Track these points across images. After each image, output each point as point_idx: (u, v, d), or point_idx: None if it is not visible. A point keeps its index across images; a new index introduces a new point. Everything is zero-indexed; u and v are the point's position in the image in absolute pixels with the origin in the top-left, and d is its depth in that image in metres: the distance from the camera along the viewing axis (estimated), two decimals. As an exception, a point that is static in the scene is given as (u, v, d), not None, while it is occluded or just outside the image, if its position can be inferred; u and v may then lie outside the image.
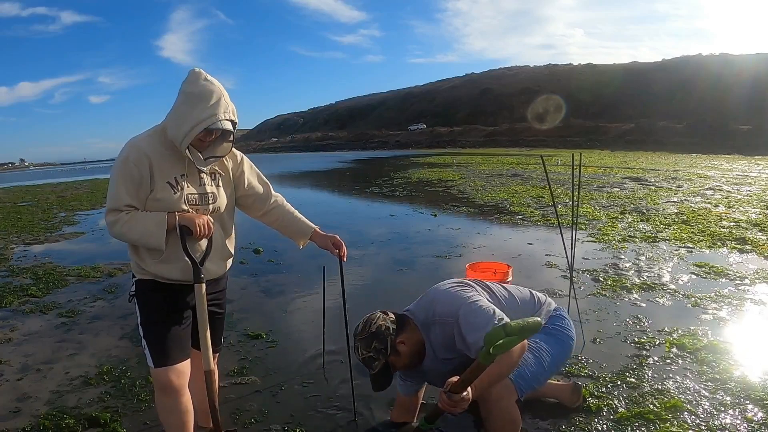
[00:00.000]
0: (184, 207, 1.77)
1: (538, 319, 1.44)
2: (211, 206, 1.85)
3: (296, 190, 15.55)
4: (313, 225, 2.12)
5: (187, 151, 1.72)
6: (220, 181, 1.90)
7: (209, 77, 1.73)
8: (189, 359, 1.85)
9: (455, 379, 1.58)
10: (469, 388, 1.60)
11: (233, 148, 1.90)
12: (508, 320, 1.49)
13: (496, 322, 1.70)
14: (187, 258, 1.75)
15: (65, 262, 5.94)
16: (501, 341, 1.38)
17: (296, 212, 2.13)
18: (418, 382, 2.16)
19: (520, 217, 7.87)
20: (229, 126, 1.74)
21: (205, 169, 1.80)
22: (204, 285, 1.77)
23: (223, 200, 1.90)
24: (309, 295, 4.18)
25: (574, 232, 3.23)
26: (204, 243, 1.83)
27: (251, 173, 2.02)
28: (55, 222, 9.76)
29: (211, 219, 1.78)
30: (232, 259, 2.03)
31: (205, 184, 1.84)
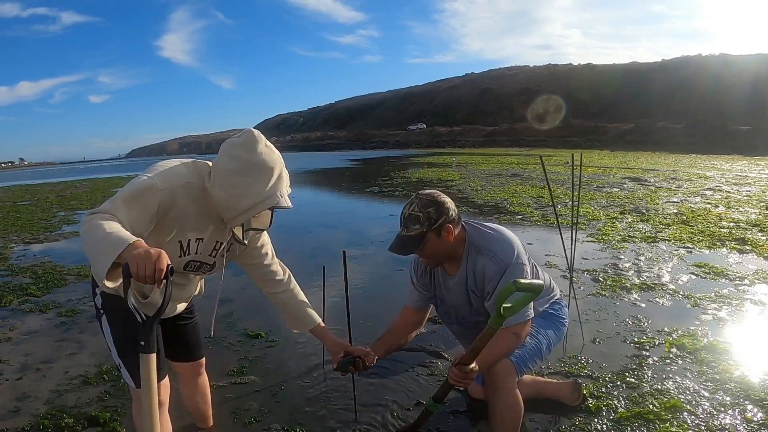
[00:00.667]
0: (181, 271, 1.65)
1: (541, 282, 1.59)
2: (209, 271, 1.73)
3: (296, 190, 15.54)
4: (318, 318, 1.96)
5: (236, 230, 1.60)
6: (230, 249, 1.72)
7: (269, 144, 1.52)
8: (166, 376, 1.76)
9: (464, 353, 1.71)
10: (476, 362, 1.69)
11: None
12: (522, 281, 1.55)
13: (529, 312, 1.86)
14: (133, 310, 1.27)
15: (65, 261, 5.94)
16: (510, 304, 1.53)
17: (306, 303, 1.97)
18: (426, 299, 2.17)
19: (520, 216, 7.87)
20: (289, 203, 1.52)
21: (245, 242, 1.68)
22: (153, 355, 1.29)
23: (221, 264, 1.72)
24: (309, 295, 4.15)
25: (573, 232, 3.23)
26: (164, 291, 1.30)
27: (267, 245, 1.85)
28: (55, 221, 9.76)
29: (166, 262, 1.22)
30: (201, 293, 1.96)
31: (215, 255, 1.67)
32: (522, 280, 1.53)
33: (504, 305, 1.54)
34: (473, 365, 1.69)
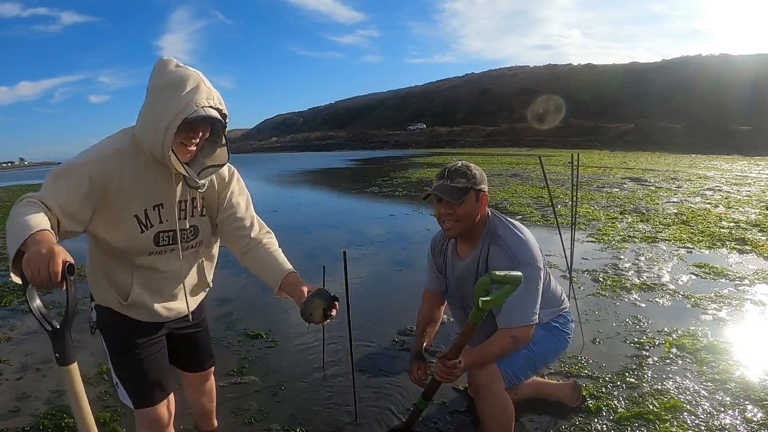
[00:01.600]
0: (155, 248, 1.44)
1: (519, 274, 1.56)
2: (192, 243, 1.53)
3: (296, 190, 15.55)
4: (288, 267, 1.53)
5: (174, 162, 1.32)
6: (204, 207, 1.53)
7: (182, 64, 1.37)
8: (172, 392, 1.62)
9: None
10: (462, 358, 1.71)
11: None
12: (497, 272, 1.57)
13: (533, 317, 1.85)
14: (38, 318, 1.08)
15: (65, 261, 5.92)
16: (489, 298, 1.54)
17: (280, 254, 1.59)
18: (441, 281, 2.17)
19: (520, 217, 7.87)
20: (214, 114, 1.33)
21: (200, 182, 1.42)
22: (73, 366, 1.10)
23: (207, 231, 1.56)
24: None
25: (573, 232, 3.24)
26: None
27: (240, 196, 1.59)
28: (55, 221, 9.75)
29: (61, 259, 1.01)
30: (209, 288, 1.72)
31: (186, 217, 1.47)
32: (497, 272, 1.53)
33: (482, 299, 1.53)
34: (458, 360, 1.68)
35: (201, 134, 1.36)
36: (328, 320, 1.39)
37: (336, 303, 1.38)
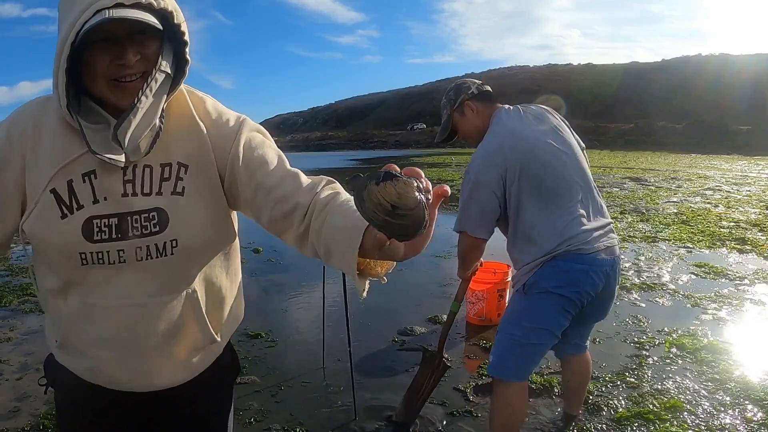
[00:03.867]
0: (88, 249, 0.81)
1: None
2: (156, 243, 0.83)
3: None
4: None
5: (77, 118, 0.79)
6: (183, 181, 0.85)
7: None
8: None
9: None
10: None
11: (207, 98, 0.92)
12: None
13: (460, 226, 1.84)
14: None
15: (65, 261, 5.93)
16: None
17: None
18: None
19: (520, 217, 7.88)
20: (135, 14, 0.74)
21: (125, 141, 0.78)
22: None
23: (189, 224, 0.85)
24: (309, 295, 4.18)
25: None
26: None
27: (263, 147, 0.90)
28: (55, 221, 9.76)
29: None
30: (215, 343, 0.97)
31: (137, 192, 0.83)
32: None
33: None
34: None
35: (136, 55, 0.77)
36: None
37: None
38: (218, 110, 0.92)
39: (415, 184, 0.54)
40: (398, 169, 0.56)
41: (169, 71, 0.81)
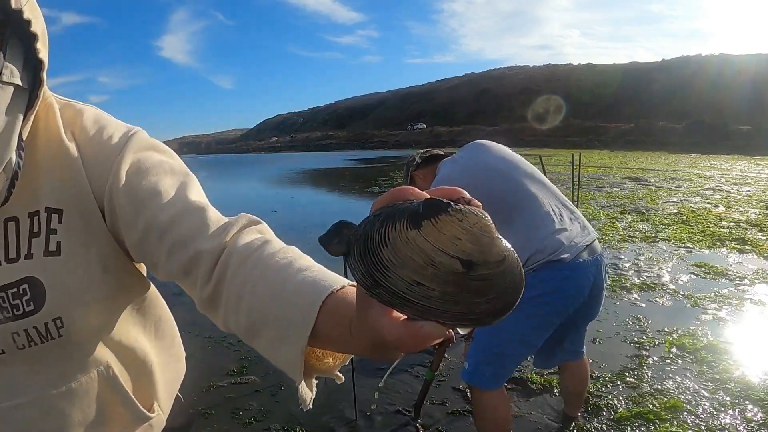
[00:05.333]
0: None
1: None
2: (31, 323, 0.59)
3: (297, 190, 15.56)
4: (341, 279, 0.50)
5: None
6: (58, 234, 0.61)
7: None
8: None
9: None
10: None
11: (88, 110, 0.68)
12: None
13: None
14: None
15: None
16: None
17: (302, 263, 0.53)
18: None
19: (520, 217, 7.88)
20: None
21: None
22: None
23: (73, 294, 0.61)
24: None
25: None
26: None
27: (158, 173, 0.63)
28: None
29: None
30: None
31: (13, 255, 0.59)
32: None
33: None
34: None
35: None
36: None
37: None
38: (99, 124, 0.65)
39: (486, 218, 0.30)
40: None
41: (20, 82, 0.56)
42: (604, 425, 2.18)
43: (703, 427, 2.14)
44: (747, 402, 2.32)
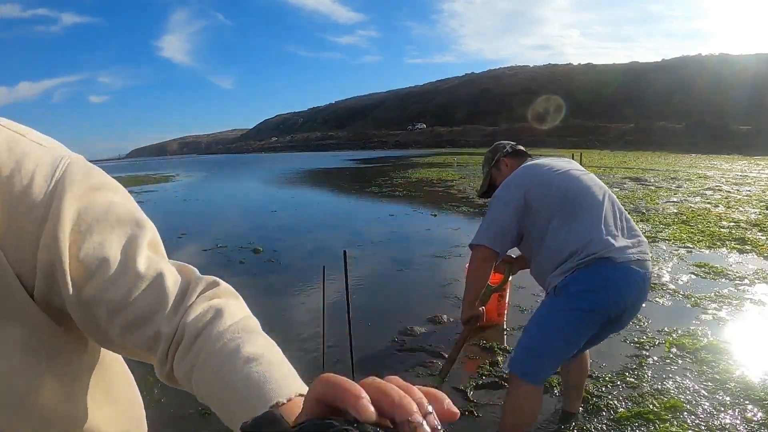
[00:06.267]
0: None
1: None
2: None
3: (297, 190, 15.55)
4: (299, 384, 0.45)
5: None
6: None
7: None
8: None
9: None
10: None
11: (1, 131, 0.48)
12: None
13: (477, 239, 1.86)
14: None
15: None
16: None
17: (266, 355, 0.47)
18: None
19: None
20: None
21: None
22: None
23: None
24: (308, 295, 4.17)
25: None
26: None
27: (103, 236, 0.50)
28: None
29: None
30: None
31: None
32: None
33: None
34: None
35: None
36: None
37: None
38: (13, 157, 0.47)
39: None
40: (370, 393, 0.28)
41: None
42: (604, 425, 2.18)
43: (703, 427, 2.14)
44: (747, 402, 2.32)
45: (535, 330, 1.79)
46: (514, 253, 2.07)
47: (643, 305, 3.69)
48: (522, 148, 2.14)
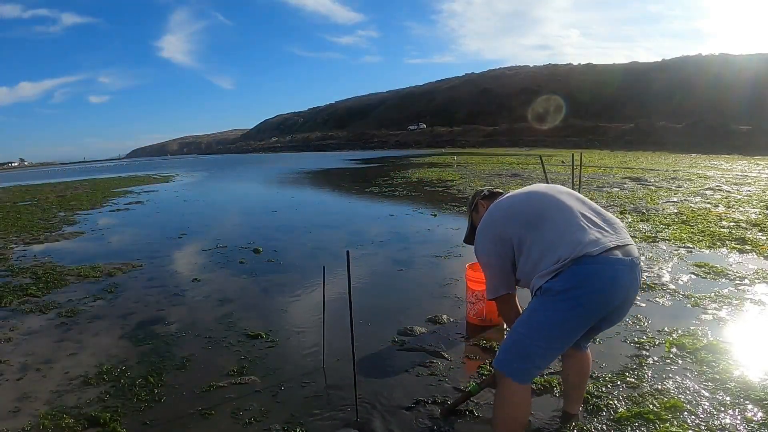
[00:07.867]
0: None
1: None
2: None
3: (297, 190, 15.55)
4: None
5: None
6: None
7: None
8: None
9: None
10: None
11: None
12: None
13: (489, 294, 2.01)
14: None
15: (65, 261, 5.93)
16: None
17: None
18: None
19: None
20: None
21: None
22: None
23: None
24: (309, 295, 4.18)
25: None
26: None
27: None
28: (55, 222, 9.75)
29: None
30: None
31: None
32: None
33: None
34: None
35: None
36: None
37: None
38: None
39: None
40: None
41: None
42: (604, 425, 2.19)
43: (703, 427, 2.14)
44: (747, 402, 2.32)
45: (522, 330, 1.80)
46: None
47: (643, 305, 3.71)
48: (499, 189, 2.28)
